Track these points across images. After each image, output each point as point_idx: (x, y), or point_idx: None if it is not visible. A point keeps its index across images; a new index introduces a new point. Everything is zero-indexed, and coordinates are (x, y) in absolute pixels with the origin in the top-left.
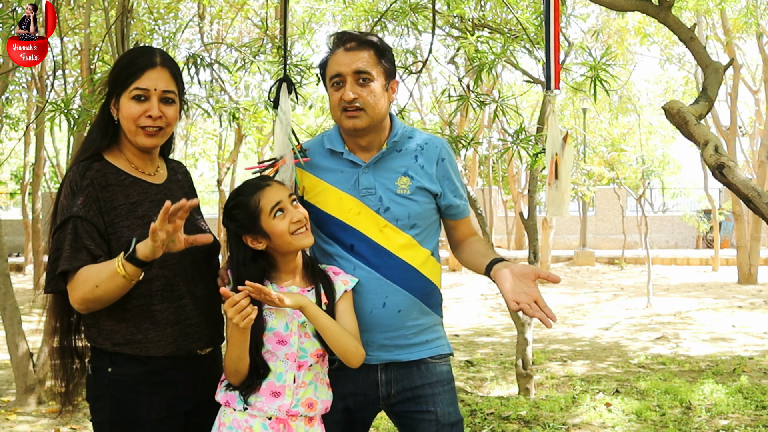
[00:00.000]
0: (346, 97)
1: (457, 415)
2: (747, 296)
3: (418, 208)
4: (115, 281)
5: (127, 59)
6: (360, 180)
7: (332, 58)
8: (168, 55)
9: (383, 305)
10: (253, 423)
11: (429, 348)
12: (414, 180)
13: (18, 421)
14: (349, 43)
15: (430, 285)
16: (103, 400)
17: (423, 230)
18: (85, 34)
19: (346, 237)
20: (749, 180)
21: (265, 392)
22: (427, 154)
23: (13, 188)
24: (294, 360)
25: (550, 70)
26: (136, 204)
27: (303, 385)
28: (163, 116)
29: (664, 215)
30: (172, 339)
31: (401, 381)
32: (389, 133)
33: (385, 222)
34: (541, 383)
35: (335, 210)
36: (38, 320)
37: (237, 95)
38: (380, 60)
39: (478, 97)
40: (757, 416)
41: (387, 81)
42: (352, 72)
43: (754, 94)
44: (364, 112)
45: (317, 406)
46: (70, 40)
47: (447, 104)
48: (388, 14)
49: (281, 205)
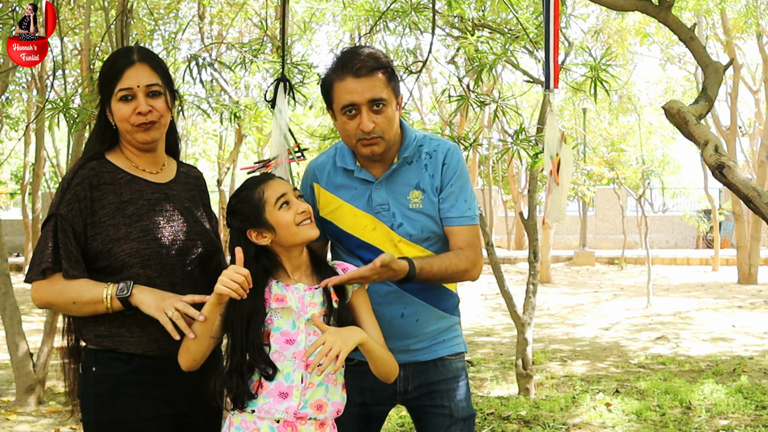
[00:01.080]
0: (365, 128)
1: (470, 410)
2: (747, 296)
3: (430, 222)
4: (95, 308)
5: (108, 64)
6: (373, 196)
7: (341, 85)
8: (146, 49)
9: (401, 315)
10: (261, 425)
11: (446, 347)
12: (426, 192)
13: (18, 421)
14: (360, 70)
15: (446, 292)
16: (88, 399)
17: (437, 241)
18: (85, 34)
19: (364, 253)
20: (749, 180)
21: (273, 393)
22: (435, 162)
23: (13, 188)
24: (302, 359)
25: (549, 69)
26: (127, 202)
27: (311, 386)
28: (153, 110)
29: (664, 215)
30: (155, 338)
31: (418, 377)
32: (400, 146)
33: (399, 237)
34: (541, 383)
35: (351, 227)
36: (38, 320)
37: (237, 95)
38: (390, 81)
39: (478, 97)
40: (757, 416)
41: (396, 99)
42: (366, 101)
43: (754, 94)
44: (381, 138)
45: (327, 408)
46: (70, 40)
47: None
48: (389, 14)
49: (286, 197)
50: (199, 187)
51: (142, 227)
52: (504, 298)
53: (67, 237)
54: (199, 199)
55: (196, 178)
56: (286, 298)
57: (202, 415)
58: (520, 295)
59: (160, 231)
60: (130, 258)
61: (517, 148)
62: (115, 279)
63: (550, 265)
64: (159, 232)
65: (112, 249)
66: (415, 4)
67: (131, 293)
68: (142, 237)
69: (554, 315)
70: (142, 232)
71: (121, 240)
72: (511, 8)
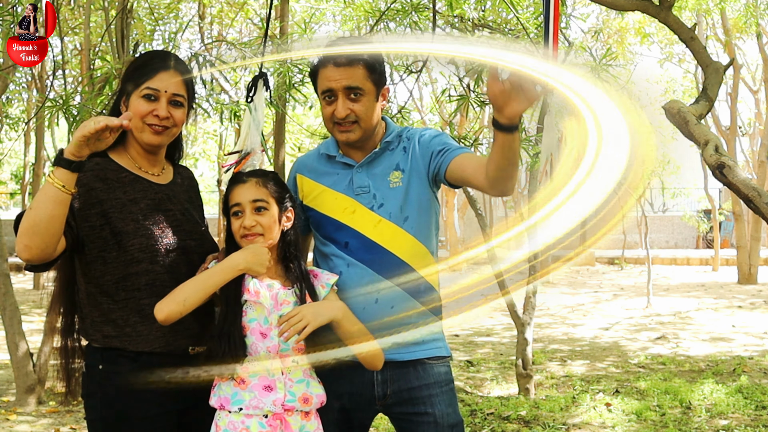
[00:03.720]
0: (339, 114)
1: (456, 416)
2: (747, 296)
3: (410, 197)
4: (50, 198)
5: (143, 60)
6: (354, 179)
7: (323, 72)
8: (183, 61)
9: (375, 301)
10: (249, 423)
11: (425, 349)
12: (405, 172)
13: (18, 421)
14: (340, 59)
15: (425, 284)
16: (94, 397)
17: (416, 220)
18: (85, 34)
19: (341, 236)
20: (749, 180)
21: (257, 387)
22: (412, 140)
23: (13, 188)
24: (276, 352)
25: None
26: (133, 201)
27: (293, 380)
28: (170, 117)
29: (664, 215)
30: (161, 334)
31: (397, 381)
32: (383, 135)
33: (379, 218)
34: (541, 383)
35: (331, 210)
36: (38, 320)
37: (237, 95)
38: (370, 74)
39: (479, 97)
40: (757, 416)
41: (378, 91)
42: (342, 88)
43: (754, 94)
44: (357, 125)
45: (313, 401)
46: (70, 40)
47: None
48: (389, 14)
49: (240, 207)
50: (193, 188)
51: (150, 225)
52: (504, 298)
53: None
54: (195, 200)
55: (189, 179)
56: (260, 294)
57: (203, 410)
58: (519, 295)
59: (166, 230)
60: (140, 253)
61: None
62: (124, 274)
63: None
64: (165, 231)
65: (122, 241)
66: (415, 4)
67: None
68: (150, 234)
69: (554, 315)
70: (150, 230)
71: (131, 234)
72: (512, 8)
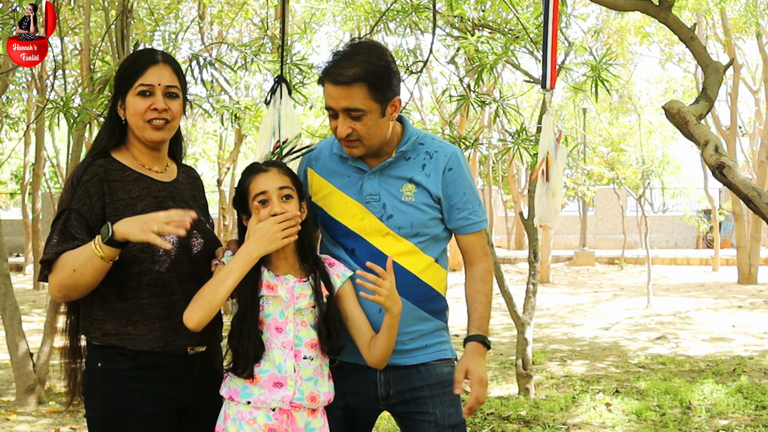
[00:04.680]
0: (340, 133)
1: (458, 417)
2: (747, 296)
3: (421, 217)
4: (93, 263)
5: (130, 60)
6: (364, 185)
7: (325, 87)
8: (169, 54)
9: (379, 311)
10: (257, 414)
11: (428, 353)
12: (419, 188)
13: (18, 421)
14: (338, 79)
15: (430, 291)
16: (93, 395)
17: (426, 240)
18: (85, 34)
19: (349, 242)
20: (749, 180)
21: (267, 384)
22: (435, 164)
23: (13, 188)
24: (290, 348)
25: (546, 69)
26: (136, 199)
27: (303, 378)
28: (168, 109)
29: (664, 215)
30: (161, 334)
31: (400, 382)
32: (399, 141)
33: (387, 230)
34: (541, 383)
35: (340, 215)
36: (38, 320)
37: (237, 95)
38: (372, 92)
39: (479, 97)
40: (757, 416)
41: (383, 107)
42: (342, 109)
43: (754, 94)
44: (359, 142)
45: (320, 399)
46: (70, 40)
47: (447, 104)
48: (389, 14)
49: (266, 195)
50: (198, 187)
51: None
52: (504, 298)
53: (81, 230)
54: (199, 199)
55: (195, 178)
56: (277, 287)
57: (202, 410)
58: (520, 295)
59: None
60: (141, 253)
61: (517, 148)
62: (126, 274)
63: (550, 265)
64: None
65: None
66: (415, 4)
67: (113, 231)
68: None
69: (554, 315)
70: None
71: None
72: (512, 8)
